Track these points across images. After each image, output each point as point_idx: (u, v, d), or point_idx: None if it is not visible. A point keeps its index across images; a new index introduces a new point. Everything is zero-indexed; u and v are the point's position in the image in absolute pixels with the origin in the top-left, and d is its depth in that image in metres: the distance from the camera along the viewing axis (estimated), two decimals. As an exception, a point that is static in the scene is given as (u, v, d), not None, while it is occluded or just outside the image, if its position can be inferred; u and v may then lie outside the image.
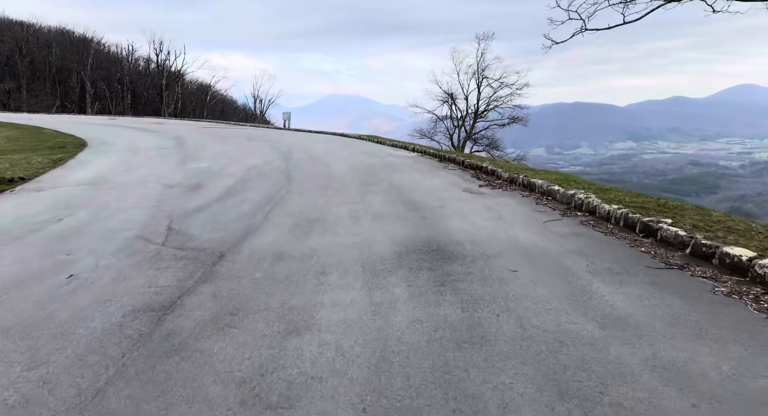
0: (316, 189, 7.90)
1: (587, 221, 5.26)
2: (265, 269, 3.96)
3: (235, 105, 61.45)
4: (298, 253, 4.38)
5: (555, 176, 7.91)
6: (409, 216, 5.82)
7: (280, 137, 20.84)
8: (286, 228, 5.32)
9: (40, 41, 40.10)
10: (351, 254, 4.33)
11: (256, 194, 7.46)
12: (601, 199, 5.64)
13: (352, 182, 8.60)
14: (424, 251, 4.35)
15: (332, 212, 6.16)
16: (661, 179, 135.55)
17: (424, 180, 8.75)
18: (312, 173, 9.72)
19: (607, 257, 4.04)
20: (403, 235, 4.94)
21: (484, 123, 38.36)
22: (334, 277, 3.74)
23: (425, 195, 7.18)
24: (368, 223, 5.52)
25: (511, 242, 4.58)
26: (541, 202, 6.42)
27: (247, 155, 13.68)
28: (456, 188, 7.78)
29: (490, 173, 8.91)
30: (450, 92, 38.06)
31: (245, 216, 5.96)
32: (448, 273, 3.75)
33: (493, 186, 7.87)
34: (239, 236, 5.04)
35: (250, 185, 8.40)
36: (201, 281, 3.70)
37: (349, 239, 4.84)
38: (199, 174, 9.75)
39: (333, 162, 11.67)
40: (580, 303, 3.11)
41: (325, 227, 5.37)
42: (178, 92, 42.67)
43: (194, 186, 8.35)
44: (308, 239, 4.83)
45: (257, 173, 9.92)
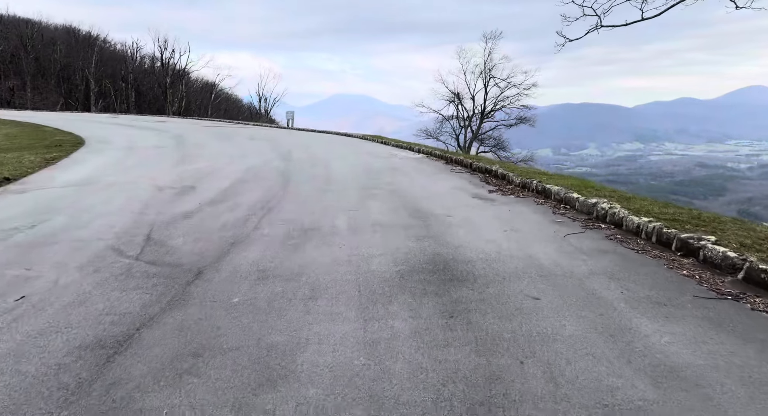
0: (314, 193, 7.35)
1: (613, 234, 4.66)
2: (246, 291, 3.41)
3: (241, 104, 61.11)
4: (286, 271, 3.83)
5: (571, 181, 7.31)
6: (412, 226, 5.26)
7: (283, 136, 20.33)
8: (277, 239, 4.77)
9: (45, 39, 39.86)
10: (346, 272, 3.77)
11: (249, 198, 6.92)
12: (628, 209, 5.05)
13: (353, 185, 8.04)
14: (429, 271, 3.78)
15: (329, 219, 5.61)
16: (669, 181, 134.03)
17: (430, 184, 8.17)
18: (311, 176, 9.17)
19: (644, 281, 3.45)
20: (405, 249, 4.37)
21: (490, 123, 37.70)
22: (325, 303, 3.18)
23: (431, 201, 6.61)
24: (367, 234, 4.96)
25: (529, 260, 4.00)
26: (559, 211, 5.82)
27: (246, 155, 13.16)
28: (464, 194, 7.19)
29: (500, 177, 8.32)
30: (456, 92, 37.43)
31: (234, 224, 5.42)
32: (457, 300, 3.18)
33: (504, 192, 7.28)
34: (224, 248, 4.50)
35: (245, 187, 7.87)
36: (169, 306, 3.15)
37: (345, 253, 4.28)
38: (194, 175, 9.24)
39: (334, 163, 11.11)
40: (622, 346, 2.53)
41: (320, 238, 4.82)
42: (182, 91, 42.26)
43: (186, 189, 7.82)
44: (299, 254, 4.28)
45: (254, 174, 9.39)
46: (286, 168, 10.24)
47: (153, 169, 10.26)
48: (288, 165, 10.78)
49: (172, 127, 23.40)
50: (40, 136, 18.08)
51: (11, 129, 20.76)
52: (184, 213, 6.04)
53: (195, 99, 47.06)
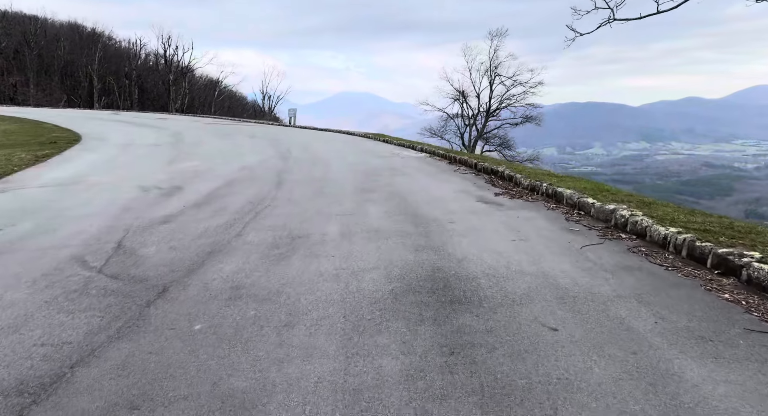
0: (308, 195, 6.84)
1: (636, 247, 4.12)
2: (213, 315, 2.91)
3: (245, 102, 60.74)
4: (263, 288, 3.32)
5: (584, 184, 6.76)
6: (411, 234, 4.74)
7: (284, 134, 19.84)
8: (260, 249, 4.27)
9: (48, 35, 39.56)
10: (332, 291, 3.26)
11: (238, 201, 6.42)
12: (650, 217, 4.50)
13: (350, 187, 7.53)
14: (427, 290, 3.26)
15: (321, 226, 5.10)
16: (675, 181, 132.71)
17: (432, 186, 7.64)
18: (308, 176, 8.67)
19: (680, 308, 2.92)
20: (402, 262, 3.86)
21: (495, 122, 37.05)
22: (302, 332, 2.67)
23: (432, 205, 6.08)
24: (361, 243, 4.44)
25: (543, 277, 3.46)
26: (572, 217, 5.28)
27: (243, 153, 12.69)
28: (468, 197, 6.66)
29: (507, 179, 7.77)
30: (461, 90, 36.80)
31: (216, 230, 4.92)
32: (459, 330, 2.66)
33: (511, 195, 6.73)
34: (199, 259, 4.00)
35: (237, 188, 7.37)
36: (117, 335, 2.65)
37: (334, 266, 3.77)
38: (185, 175, 8.76)
39: (333, 163, 10.60)
40: (665, 401, 2.00)
41: (308, 247, 4.31)
42: (185, 88, 41.84)
43: (173, 189, 7.34)
44: (282, 267, 3.77)
45: (248, 174, 8.91)
46: (282, 168, 9.75)
47: (144, 168, 9.80)
48: (285, 164, 10.29)
49: (172, 124, 22.98)
50: (37, 133, 17.72)
51: (9, 125, 20.42)
52: (165, 217, 5.55)
53: (198, 96, 46.67)
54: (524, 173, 7.52)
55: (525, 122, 36.52)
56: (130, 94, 41.73)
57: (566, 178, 7.47)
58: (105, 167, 9.98)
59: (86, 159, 11.27)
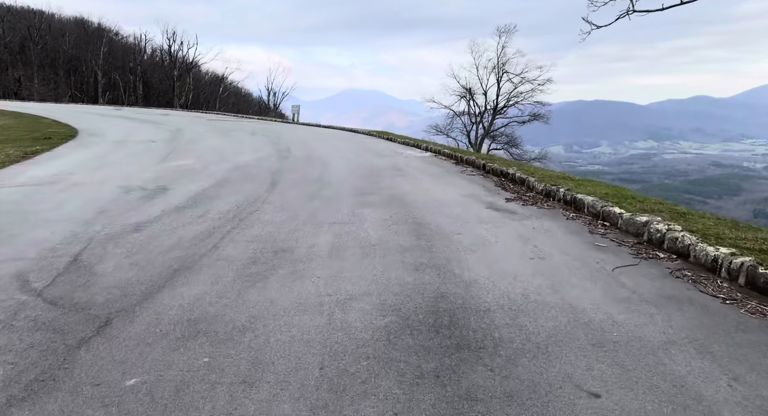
0: (301, 199, 6.20)
1: (679, 269, 3.44)
2: (154, 364, 2.27)
3: (251, 98, 60.22)
4: (227, 323, 2.69)
5: (604, 188, 6.06)
6: (412, 248, 4.08)
7: (286, 131, 19.22)
8: (236, 266, 3.63)
9: (53, 30, 39.17)
10: (310, 328, 2.62)
11: (224, 205, 5.80)
12: (690, 232, 3.81)
13: (348, 189, 6.88)
14: (428, 327, 2.61)
15: (310, 236, 4.46)
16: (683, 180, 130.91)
17: (437, 189, 6.97)
18: (303, 177, 8.02)
19: (758, 363, 2.24)
20: (399, 286, 3.21)
21: (503, 120, 36.20)
22: (264, 394, 2.03)
23: (436, 212, 5.42)
24: (353, 259, 3.80)
25: (571, 311, 2.80)
26: (596, 229, 4.59)
27: (241, 151, 12.08)
28: (476, 203, 5.98)
29: (518, 182, 7.08)
30: (468, 87, 35.98)
31: (191, 241, 4.30)
32: (470, 394, 2.01)
33: (524, 201, 6.05)
34: (161, 279, 3.37)
35: (226, 190, 6.75)
36: (20, 397, 2.02)
37: (318, 292, 3.13)
38: (174, 174, 8.16)
39: (333, 162, 9.96)
40: None
41: (291, 265, 3.67)
42: (189, 83, 41.32)
43: (158, 190, 6.74)
44: (255, 292, 3.14)
45: (242, 174, 8.29)
46: (278, 167, 9.11)
47: (133, 166, 9.22)
48: (282, 164, 9.66)
49: (173, 120, 22.45)
50: (34, 128, 17.24)
51: (8, 121, 19.97)
52: (139, 224, 4.94)
53: (203, 92, 46.17)
54: (537, 176, 6.82)
55: (533, 120, 35.65)
56: (135, 89, 41.29)
57: (583, 181, 6.77)
58: (93, 165, 9.40)
59: (76, 156, 10.71)
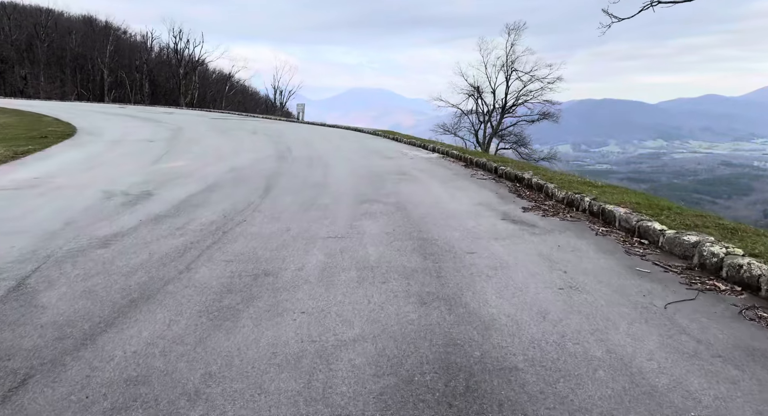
0: (296, 207, 5.58)
1: (750, 307, 2.76)
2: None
3: (257, 96, 59.79)
4: (174, 387, 2.07)
5: (634, 197, 5.36)
6: (416, 272, 3.45)
7: (289, 130, 18.64)
8: (205, 296, 3.02)
9: (60, 28, 38.88)
10: (282, 396, 1.99)
11: (209, 214, 5.20)
12: (754, 256, 3.14)
13: (349, 196, 6.24)
14: (438, 398, 1.97)
15: (299, 256, 3.83)
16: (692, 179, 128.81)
17: (445, 196, 6.31)
18: (302, 181, 7.40)
19: None
20: (400, 328, 2.58)
21: (511, 118, 35.36)
22: None
23: (445, 225, 4.77)
24: (347, 287, 3.17)
25: (626, 374, 2.14)
26: (633, 248, 3.92)
27: (239, 151, 11.51)
28: (490, 213, 5.32)
29: (535, 189, 6.40)
30: (476, 86, 35.17)
31: (160, 260, 3.69)
32: None
33: (544, 211, 5.37)
34: (112, 313, 2.77)
35: (215, 196, 6.15)
36: None
37: (299, 334, 2.50)
38: (164, 177, 7.58)
39: (334, 164, 9.33)
40: None
41: (272, 295, 3.05)
42: (195, 81, 40.85)
43: (141, 196, 6.15)
44: (222, 335, 2.52)
45: (236, 176, 7.69)
46: (276, 170, 8.50)
47: (124, 167, 8.66)
48: (280, 166, 9.05)
49: (176, 119, 21.98)
50: (33, 126, 16.82)
51: (9, 119, 19.60)
52: (109, 237, 4.34)
53: (210, 91, 45.74)
54: (557, 183, 6.14)
55: (542, 119, 34.78)
56: (141, 88, 40.94)
57: (608, 188, 6.08)
58: (81, 167, 8.85)
59: (67, 156, 10.19)
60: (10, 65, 34.90)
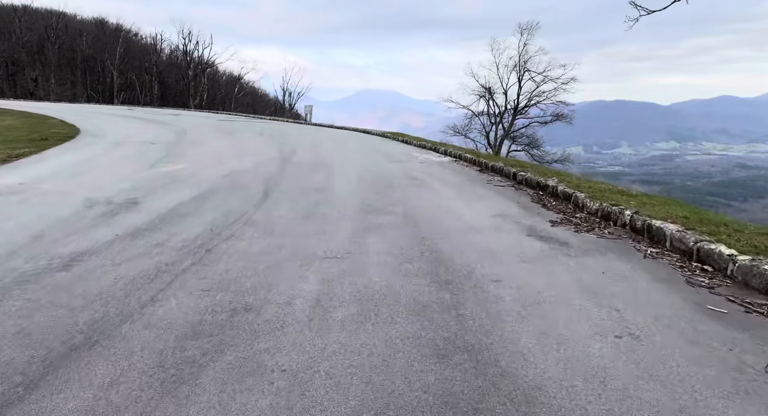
0: (293, 218, 4.95)
1: None
2: None
3: (267, 98, 59.53)
4: None
5: (679, 209, 4.63)
6: (431, 306, 2.78)
7: (295, 132, 18.08)
8: (162, 345, 2.38)
9: (70, 29, 38.87)
10: None
11: (195, 227, 4.58)
12: None
13: (352, 205, 5.59)
14: None
15: (289, 283, 3.19)
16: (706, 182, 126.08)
17: (460, 206, 5.63)
18: (303, 187, 6.77)
19: None
20: (410, 400, 1.91)
21: (524, 120, 34.47)
22: None
23: (463, 242, 4.09)
24: (343, 331, 2.51)
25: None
26: (695, 277, 3.20)
27: (242, 154, 10.94)
28: (513, 227, 4.63)
29: (562, 198, 5.69)
30: (488, 86, 34.34)
31: (125, 289, 3.07)
32: None
33: (575, 224, 4.67)
34: (40, 369, 2.15)
35: (206, 205, 5.55)
36: None
37: (273, 410, 1.85)
38: (156, 182, 7.01)
39: (339, 169, 8.70)
40: None
41: (249, 344, 2.40)
42: (204, 83, 40.56)
43: (125, 205, 5.57)
44: (172, 409, 1.87)
45: (232, 182, 7.09)
46: (276, 174, 7.89)
47: (116, 172, 8.12)
48: (282, 170, 8.44)
49: (182, 120, 21.57)
50: (37, 128, 16.46)
51: (14, 121, 19.32)
52: (75, 256, 3.75)
53: (219, 92, 45.47)
54: (587, 191, 5.42)
55: (555, 121, 33.84)
56: (151, 89, 40.79)
57: (646, 198, 5.35)
58: (72, 171, 8.33)
59: (61, 160, 9.69)
60: (21, 67, 34.91)
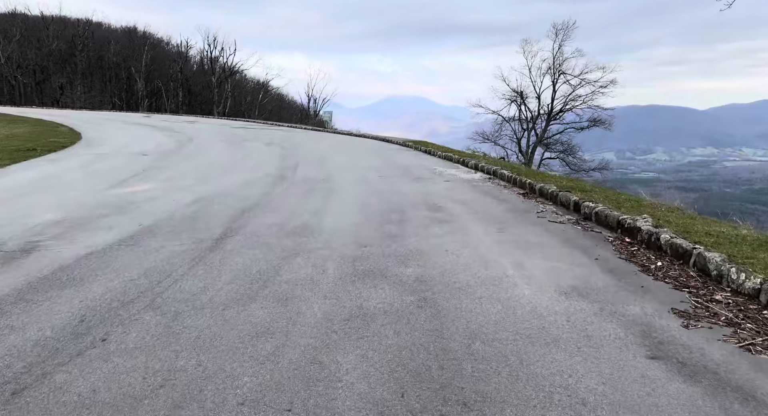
0: (234, 292, 3.02)
1: None
2: None
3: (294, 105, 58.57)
4: None
5: None
6: None
7: (309, 142, 16.32)
8: None
9: (96, 38, 38.69)
10: None
11: (65, 312, 2.72)
12: None
13: (341, 257, 3.60)
14: None
15: None
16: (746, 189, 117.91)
17: (507, 264, 3.54)
18: (282, 224, 4.83)
19: None
20: None
21: (558, 126, 31.75)
22: None
23: (530, 377, 2.04)
24: None
25: None
26: None
27: (236, 168, 9.20)
28: (612, 330, 2.52)
29: (668, 253, 3.53)
30: (519, 90, 31.82)
31: None
32: None
33: (731, 323, 2.53)
34: None
35: (124, 257, 3.70)
36: None
37: None
38: (96, 212, 5.26)
39: (342, 190, 6.75)
40: None
41: None
42: (227, 90, 39.54)
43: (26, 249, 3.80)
44: None
45: (193, 214, 5.24)
46: (258, 201, 6.00)
47: (66, 194, 6.46)
48: (270, 193, 6.56)
49: (195, 128, 20.23)
50: (36, 138, 15.36)
51: (21, 129, 18.36)
52: None
53: (245, 99, 44.51)
54: (716, 244, 3.24)
55: (592, 126, 31.03)
56: (177, 96, 40.16)
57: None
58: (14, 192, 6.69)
59: (18, 176, 8.17)
60: (48, 75, 34.80)
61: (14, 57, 33.99)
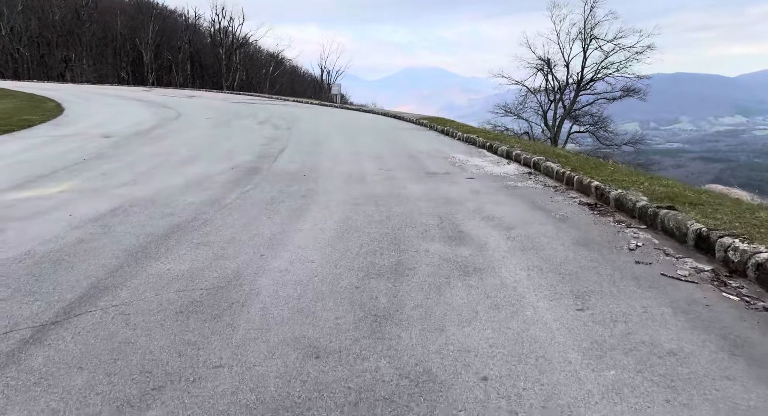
0: None
1: None
2: None
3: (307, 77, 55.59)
4: None
5: None
6: None
7: (309, 120, 14.07)
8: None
9: (101, 8, 36.32)
10: None
11: None
12: None
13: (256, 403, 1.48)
14: None
15: None
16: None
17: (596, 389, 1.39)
18: (201, 267, 2.71)
19: None
20: None
21: (588, 96, 28.45)
22: None
23: None
24: None
25: None
26: None
27: (206, 155, 7.12)
28: None
29: None
30: (546, 58, 28.44)
31: None
32: None
33: None
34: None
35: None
36: None
37: None
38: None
39: (327, 193, 4.56)
40: None
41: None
42: (236, 63, 36.98)
43: None
44: None
45: (89, 235, 3.19)
46: (196, 214, 3.87)
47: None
48: (221, 200, 4.43)
49: (191, 103, 18.18)
50: (15, 114, 13.61)
51: (5, 104, 16.60)
52: None
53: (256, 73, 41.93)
54: None
55: (626, 96, 27.70)
56: (184, 70, 37.90)
57: None
58: None
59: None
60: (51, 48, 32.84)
61: (17, 29, 32.04)
